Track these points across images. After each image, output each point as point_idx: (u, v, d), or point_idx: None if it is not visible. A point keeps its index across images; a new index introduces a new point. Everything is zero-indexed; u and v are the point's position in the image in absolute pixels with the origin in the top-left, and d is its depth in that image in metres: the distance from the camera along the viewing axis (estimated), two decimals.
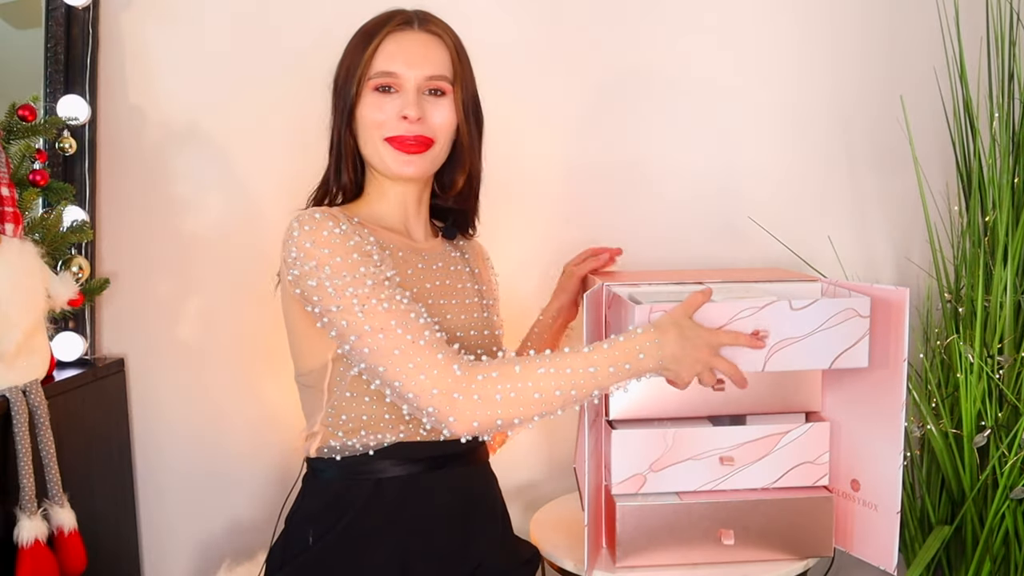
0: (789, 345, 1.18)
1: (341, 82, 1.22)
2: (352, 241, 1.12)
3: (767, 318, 1.17)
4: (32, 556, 1.23)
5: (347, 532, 1.16)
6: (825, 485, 1.34)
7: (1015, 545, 1.50)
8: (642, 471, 1.30)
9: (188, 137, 1.70)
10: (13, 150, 1.45)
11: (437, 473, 1.19)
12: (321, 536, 1.16)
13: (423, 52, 1.20)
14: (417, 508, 1.17)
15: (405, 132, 1.18)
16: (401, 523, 1.16)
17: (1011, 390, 1.51)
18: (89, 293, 1.60)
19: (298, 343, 1.20)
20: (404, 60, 1.18)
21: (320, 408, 1.18)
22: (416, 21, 1.22)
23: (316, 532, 1.17)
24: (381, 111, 1.19)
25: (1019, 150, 1.54)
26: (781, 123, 1.79)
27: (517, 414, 1.07)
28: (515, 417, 1.07)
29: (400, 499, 1.16)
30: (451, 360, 1.07)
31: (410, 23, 1.21)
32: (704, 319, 1.15)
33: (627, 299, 1.23)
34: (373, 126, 1.19)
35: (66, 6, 1.62)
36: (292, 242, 1.11)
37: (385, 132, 1.19)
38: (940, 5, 1.69)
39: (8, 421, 1.25)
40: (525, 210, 1.75)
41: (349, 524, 1.16)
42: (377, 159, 1.21)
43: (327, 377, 1.16)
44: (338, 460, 1.17)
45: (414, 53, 1.19)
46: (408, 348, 1.07)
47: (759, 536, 1.28)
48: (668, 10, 1.75)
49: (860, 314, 1.20)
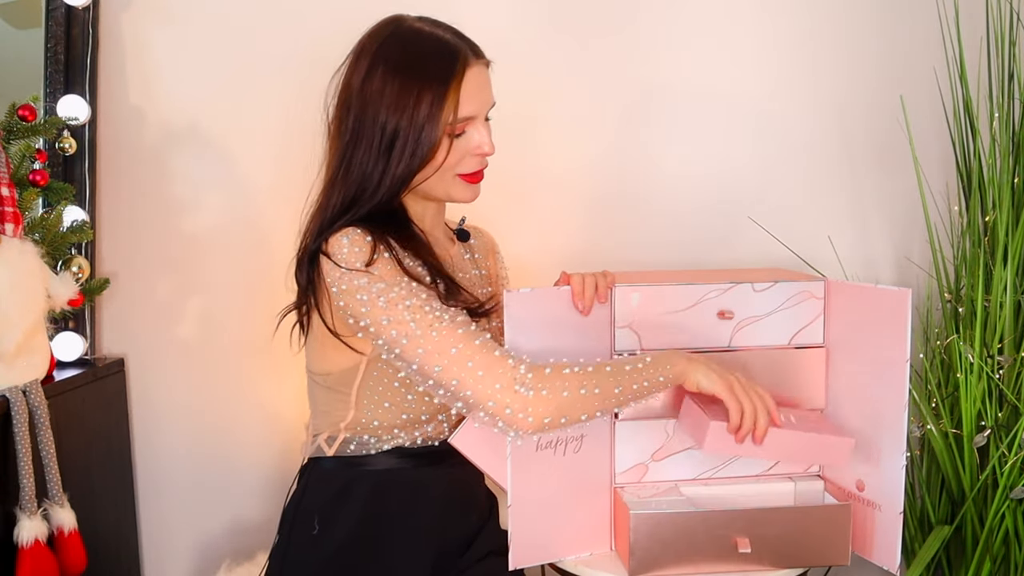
0: (752, 324, 1.32)
1: (405, 126, 1.13)
2: (399, 259, 1.13)
3: (731, 300, 1.29)
4: (32, 556, 1.23)
5: (353, 521, 1.21)
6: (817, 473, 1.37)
7: (1015, 545, 1.50)
8: (644, 460, 1.33)
9: (188, 137, 1.70)
10: (13, 150, 1.45)
11: (432, 468, 1.25)
12: (327, 526, 1.21)
13: (487, 85, 1.20)
14: (417, 498, 1.23)
15: (480, 166, 1.20)
16: (403, 512, 1.22)
17: (1011, 390, 1.51)
18: (89, 293, 1.60)
19: (321, 347, 1.22)
20: (479, 99, 1.17)
21: (342, 410, 1.22)
22: (474, 52, 1.17)
23: (322, 521, 1.22)
24: (458, 151, 1.17)
25: (1019, 150, 1.54)
26: (781, 123, 1.79)
27: (578, 411, 1.10)
28: (581, 413, 1.10)
29: (401, 490, 1.22)
30: (507, 356, 1.10)
31: (470, 57, 1.16)
32: (670, 301, 1.24)
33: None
34: (450, 167, 1.18)
35: (66, 6, 1.62)
36: (341, 258, 1.11)
37: (462, 169, 1.19)
38: (940, 5, 1.69)
39: (8, 421, 1.25)
40: (526, 210, 1.76)
41: (355, 514, 1.21)
42: (442, 191, 1.21)
43: (356, 381, 1.20)
44: (345, 457, 1.23)
45: (484, 88, 1.19)
46: (467, 348, 1.09)
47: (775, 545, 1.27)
48: (670, 13, 1.75)
49: (815, 296, 1.33)
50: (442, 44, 1.16)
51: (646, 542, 1.24)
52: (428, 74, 1.13)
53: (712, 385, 1.12)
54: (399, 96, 1.13)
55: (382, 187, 1.16)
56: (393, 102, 1.13)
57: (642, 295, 1.30)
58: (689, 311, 1.32)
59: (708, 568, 1.27)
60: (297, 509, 1.25)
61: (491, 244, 1.45)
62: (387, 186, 1.16)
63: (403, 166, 1.15)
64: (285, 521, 1.27)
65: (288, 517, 1.26)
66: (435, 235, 1.29)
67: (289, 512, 1.26)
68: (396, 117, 1.13)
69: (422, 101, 1.12)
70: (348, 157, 1.17)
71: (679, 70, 1.77)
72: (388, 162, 1.15)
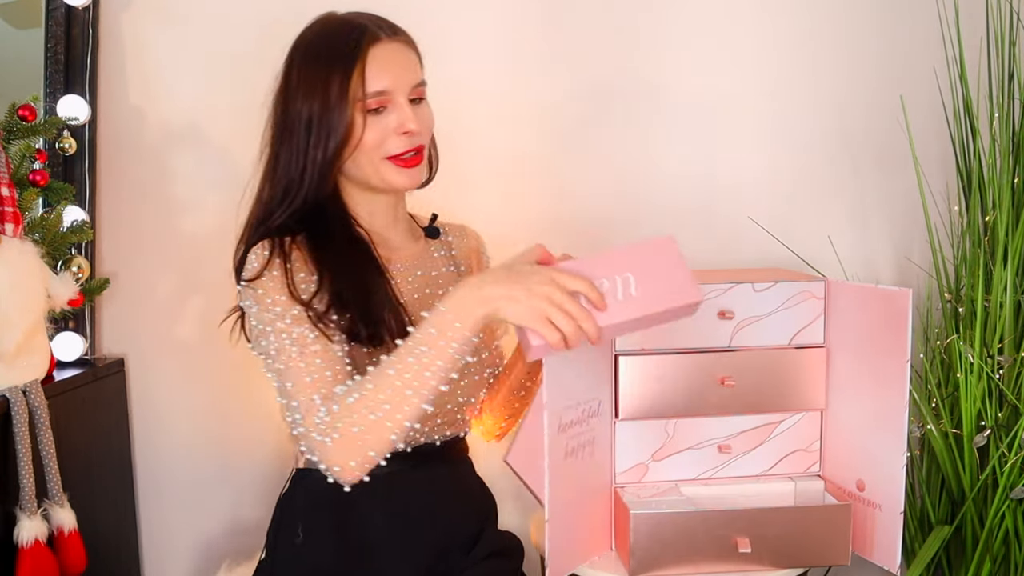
0: (752, 324, 1.33)
1: (319, 112, 1.14)
2: (288, 274, 1.12)
3: (731, 300, 1.30)
4: (32, 556, 1.23)
5: (333, 530, 1.20)
6: (818, 473, 1.38)
7: (1015, 545, 1.50)
8: (644, 460, 1.34)
9: (188, 137, 1.70)
10: (13, 150, 1.45)
11: (417, 472, 1.22)
12: (309, 536, 1.21)
13: (404, 62, 1.18)
14: (400, 501, 1.21)
15: (408, 146, 1.17)
16: (385, 515, 1.20)
17: (1011, 390, 1.51)
18: (89, 293, 1.60)
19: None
20: (392, 74, 1.16)
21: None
22: (384, 31, 1.18)
23: (305, 531, 1.21)
24: (379, 130, 1.16)
25: (1019, 150, 1.54)
26: (781, 123, 1.79)
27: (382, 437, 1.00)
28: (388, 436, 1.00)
29: (385, 494, 1.18)
30: (324, 398, 1.04)
31: (380, 35, 1.16)
32: None
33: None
34: (373, 148, 1.17)
35: (66, 6, 1.61)
36: (245, 273, 1.15)
37: (387, 150, 1.17)
38: (940, 5, 1.69)
39: (8, 421, 1.24)
40: (525, 211, 1.75)
41: (337, 520, 1.20)
42: (376, 178, 1.19)
43: None
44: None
45: (398, 64, 1.17)
46: (297, 385, 1.06)
47: (775, 545, 1.27)
48: (669, 12, 1.75)
49: (815, 296, 1.34)
50: (349, 26, 1.17)
51: (646, 542, 1.24)
52: (334, 55, 1.15)
53: (521, 319, 0.95)
54: (310, 82, 1.15)
55: (307, 176, 1.17)
56: (307, 89, 1.15)
57: None
58: None
59: (708, 568, 1.27)
60: (280, 520, 1.25)
61: (475, 244, 1.42)
62: (312, 174, 1.17)
63: (321, 150, 1.15)
64: (270, 531, 1.27)
65: (272, 527, 1.27)
66: (386, 234, 1.27)
67: (273, 522, 1.27)
68: (310, 103, 1.15)
69: (331, 82, 1.14)
70: (276, 151, 1.20)
71: (679, 70, 1.77)
72: (308, 149, 1.16)
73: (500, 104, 1.74)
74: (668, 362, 1.32)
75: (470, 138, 1.71)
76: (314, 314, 1.10)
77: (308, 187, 1.17)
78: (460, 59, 1.70)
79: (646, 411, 1.32)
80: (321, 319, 1.10)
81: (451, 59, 1.71)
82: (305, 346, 1.08)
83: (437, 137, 1.32)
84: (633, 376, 1.31)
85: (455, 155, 1.71)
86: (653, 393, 1.32)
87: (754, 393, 1.34)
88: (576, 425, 1.23)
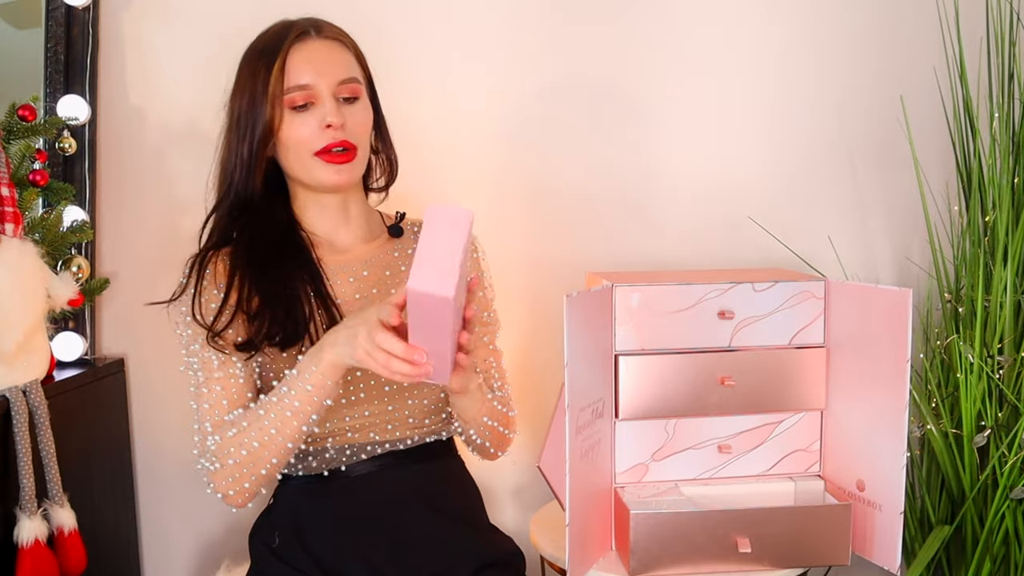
0: (752, 324, 1.33)
1: (245, 108, 1.18)
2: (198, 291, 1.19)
3: (731, 300, 1.31)
4: (32, 556, 1.23)
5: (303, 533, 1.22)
6: (818, 473, 1.38)
7: (1015, 545, 1.50)
8: (644, 460, 1.34)
9: (188, 137, 1.70)
10: (13, 150, 1.45)
11: (394, 471, 1.23)
12: (286, 539, 1.23)
13: (329, 59, 1.19)
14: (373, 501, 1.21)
15: (331, 141, 1.18)
16: (358, 516, 1.21)
17: (1011, 390, 1.51)
18: (89, 293, 1.60)
19: None
20: (314, 70, 1.17)
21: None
22: (312, 29, 1.20)
23: (281, 534, 1.23)
24: (304, 126, 1.17)
25: (1019, 150, 1.54)
26: (781, 123, 1.79)
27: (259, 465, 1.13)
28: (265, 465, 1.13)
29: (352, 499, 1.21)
30: (217, 424, 1.15)
31: (308, 33, 1.20)
32: (670, 301, 1.26)
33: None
34: (298, 144, 1.18)
35: (66, 6, 1.61)
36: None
37: (312, 147, 1.18)
38: (940, 5, 1.69)
39: (8, 421, 1.24)
40: (524, 211, 1.75)
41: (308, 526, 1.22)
42: (307, 176, 1.20)
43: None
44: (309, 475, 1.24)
45: (322, 61, 1.19)
46: (198, 409, 1.17)
47: (775, 545, 1.28)
48: (669, 10, 1.75)
49: (815, 296, 1.35)
50: (282, 26, 1.21)
51: (646, 542, 1.25)
52: (259, 53, 1.19)
53: (352, 360, 1.05)
54: (241, 79, 1.21)
55: (237, 171, 1.20)
56: (238, 86, 1.21)
57: (642, 295, 1.30)
58: (689, 311, 1.32)
59: (708, 568, 1.27)
60: (260, 527, 1.28)
61: None
62: (240, 170, 1.20)
63: (247, 145, 1.19)
64: (251, 536, 1.29)
65: (251, 532, 1.29)
66: (333, 235, 1.27)
67: (253, 528, 1.30)
68: (238, 99, 1.20)
69: (256, 79, 1.18)
70: (220, 150, 1.25)
71: (679, 70, 1.77)
72: (236, 145, 1.20)
73: (498, 104, 1.74)
74: (668, 362, 1.32)
75: (467, 137, 1.72)
76: (212, 334, 1.16)
77: (238, 183, 1.21)
78: (455, 58, 1.70)
79: (646, 411, 1.32)
80: (218, 336, 1.15)
81: (447, 57, 1.71)
82: (210, 372, 1.17)
83: (431, 136, 1.32)
84: (633, 376, 1.31)
85: (451, 154, 1.72)
86: (653, 393, 1.32)
87: (754, 393, 1.34)
88: (588, 427, 1.24)
